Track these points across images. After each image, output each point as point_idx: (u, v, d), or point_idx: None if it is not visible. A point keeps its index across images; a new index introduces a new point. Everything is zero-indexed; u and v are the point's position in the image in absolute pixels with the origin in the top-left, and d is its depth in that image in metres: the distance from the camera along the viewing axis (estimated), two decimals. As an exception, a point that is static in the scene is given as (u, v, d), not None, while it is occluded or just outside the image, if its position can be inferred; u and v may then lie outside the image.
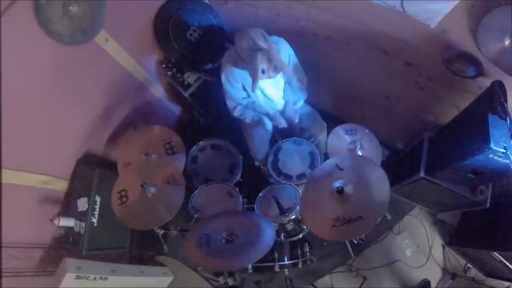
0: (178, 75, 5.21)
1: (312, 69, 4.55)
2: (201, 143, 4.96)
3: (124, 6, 4.27)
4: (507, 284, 4.89)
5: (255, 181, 5.16)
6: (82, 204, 4.44)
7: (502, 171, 3.78)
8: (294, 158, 4.72)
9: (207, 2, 5.42)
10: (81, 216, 4.42)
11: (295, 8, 4.65)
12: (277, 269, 4.38)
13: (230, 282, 5.03)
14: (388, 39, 4.23)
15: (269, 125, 4.69)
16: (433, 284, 5.25)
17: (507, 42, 3.30)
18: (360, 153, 4.49)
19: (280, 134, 4.95)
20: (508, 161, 3.58)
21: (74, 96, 4.24)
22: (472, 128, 3.92)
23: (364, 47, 4.55)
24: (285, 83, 4.47)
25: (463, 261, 5.38)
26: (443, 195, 4.65)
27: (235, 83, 4.23)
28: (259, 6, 4.99)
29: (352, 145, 4.56)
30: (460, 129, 4.28)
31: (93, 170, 4.57)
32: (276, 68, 3.85)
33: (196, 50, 5.25)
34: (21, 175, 3.99)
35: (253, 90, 4.06)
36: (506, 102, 3.61)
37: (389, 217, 4.12)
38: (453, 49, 3.84)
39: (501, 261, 4.51)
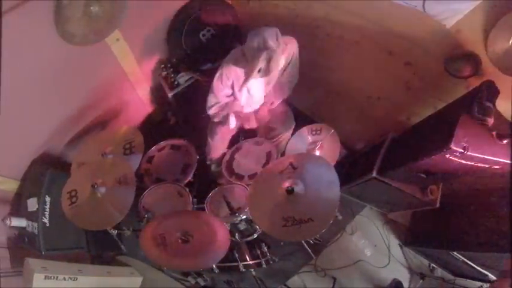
0: (172, 76, 5.28)
1: (309, 68, 4.64)
2: (161, 143, 4.94)
3: (144, 6, 4.31)
4: (479, 284, 4.90)
5: (205, 181, 5.18)
6: (32, 204, 4.40)
7: (456, 171, 3.82)
8: (249, 158, 4.72)
9: (229, 2, 5.46)
10: (31, 216, 4.38)
11: (316, 8, 4.73)
12: (242, 269, 4.41)
13: (201, 282, 5.06)
14: (398, 39, 4.27)
15: (233, 123, 4.70)
16: (404, 285, 5.28)
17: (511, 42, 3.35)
18: (317, 153, 4.49)
19: (244, 134, 4.98)
20: (463, 161, 3.61)
21: (51, 97, 4.17)
22: (439, 127, 3.93)
23: (371, 47, 4.62)
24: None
25: (425, 261, 5.41)
26: (394, 195, 4.69)
27: (226, 80, 4.35)
28: (280, 6, 5.06)
29: (312, 145, 4.57)
30: (427, 128, 4.33)
31: (46, 170, 4.51)
32: (271, 70, 3.94)
33: (201, 51, 5.32)
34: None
35: (240, 89, 4.23)
36: (491, 102, 3.65)
37: (340, 217, 4.14)
38: (460, 49, 3.89)
39: (463, 261, 4.54)
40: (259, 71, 3.92)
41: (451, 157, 3.56)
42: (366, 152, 5.23)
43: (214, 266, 4.25)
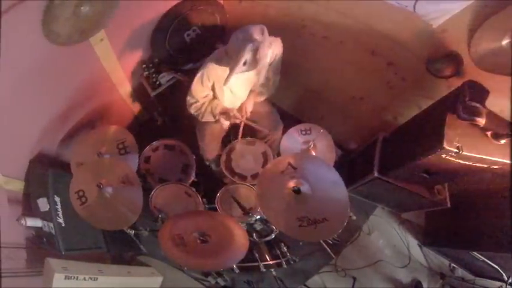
0: (154, 76, 5.22)
1: (290, 69, 4.62)
2: (154, 143, 4.88)
3: (130, 6, 4.14)
4: (499, 284, 4.89)
5: (210, 181, 5.15)
6: (43, 204, 4.35)
7: (455, 171, 3.86)
8: (246, 158, 4.69)
9: (221, 2, 5.40)
10: (45, 216, 4.34)
11: (306, 7, 4.71)
12: (263, 269, 4.40)
13: (221, 282, 5.07)
14: (383, 38, 4.29)
15: (225, 124, 4.77)
16: (424, 285, 5.28)
17: (505, 42, 3.34)
18: (313, 153, 4.48)
19: (234, 134, 4.95)
20: (461, 161, 3.62)
21: (38, 96, 4.05)
22: (428, 127, 4.00)
23: (354, 47, 4.64)
24: (258, 79, 4.45)
25: (446, 261, 5.40)
26: (401, 195, 4.74)
27: (206, 81, 4.28)
28: (271, 6, 5.03)
29: (305, 145, 4.56)
30: (416, 128, 4.37)
31: (46, 170, 4.44)
32: (259, 61, 3.82)
33: (184, 51, 5.26)
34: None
35: (225, 84, 4.05)
36: (479, 102, 3.65)
37: (354, 217, 4.13)
38: (442, 49, 3.91)
39: (484, 261, 4.54)
40: (244, 63, 3.79)
41: (447, 157, 3.63)
42: (361, 151, 5.31)
43: (234, 266, 4.24)
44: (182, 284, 5.39)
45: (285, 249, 4.61)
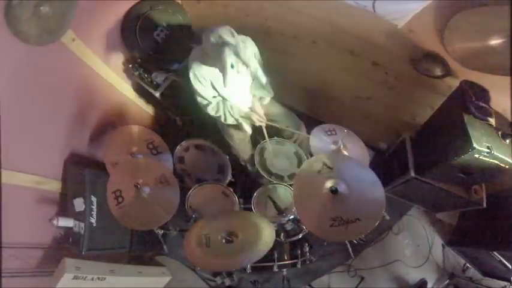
0: (146, 75, 5.13)
1: (278, 69, 4.56)
2: (183, 143, 4.83)
3: (93, 7, 4.18)
4: (504, 283, 4.92)
5: (247, 181, 5.14)
6: (79, 204, 4.33)
7: (492, 172, 3.86)
8: (280, 158, 4.68)
9: (179, 2, 5.37)
10: (79, 216, 4.31)
11: (266, 7, 4.71)
12: (275, 269, 4.36)
13: (227, 282, 5.02)
14: (353, 38, 4.33)
15: (248, 129, 4.67)
16: (430, 284, 5.30)
17: (493, 42, 3.33)
18: (345, 153, 4.36)
19: (260, 135, 4.84)
20: (495, 161, 3.64)
21: (44, 96, 4.03)
22: (450, 127, 4.01)
23: (330, 47, 4.66)
24: (253, 79, 4.46)
25: (462, 261, 5.45)
26: (439, 195, 4.74)
27: (204, 80, 4.18)
28: (230, 6, 5.02)
29: (335, 145, 4.41)
30: (438, 129, 4.39)
31: (83, 170, 4.43)
32: (244, 63, 3.83)
33: (162, 50, 5.21)
34: (17, 175, 3.87)
35: (225, 85, 3.96)
36: (485, 102, 3.73)
37: (387, 217, 4.08)
38: (419, 49, 3.95)
39: (500, 260, 4.56)
40: (232, 66, 3.74)
41: (481, 157, 3.65)
42: (393, 152, 5.32)
43: (248, 265, 4.24)
44: (189, 284, 5.40)
45: (307, 249, 4.56)
